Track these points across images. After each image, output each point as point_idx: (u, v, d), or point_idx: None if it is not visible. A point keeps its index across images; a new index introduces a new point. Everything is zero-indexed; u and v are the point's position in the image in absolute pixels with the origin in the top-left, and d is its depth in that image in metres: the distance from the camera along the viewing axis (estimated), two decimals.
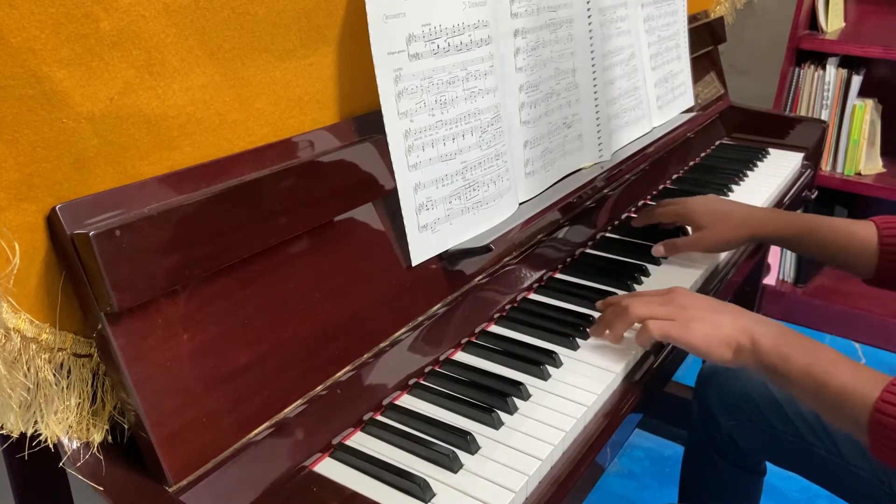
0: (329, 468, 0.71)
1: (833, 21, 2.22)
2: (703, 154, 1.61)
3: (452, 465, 0.70)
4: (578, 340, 0.91)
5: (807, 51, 2.16)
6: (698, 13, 1.65)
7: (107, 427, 0.63)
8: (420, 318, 0.85)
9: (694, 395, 1.24)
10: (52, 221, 0.57)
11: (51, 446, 0.60)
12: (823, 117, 2.16)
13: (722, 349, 0.83)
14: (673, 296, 0.89)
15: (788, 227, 1.09)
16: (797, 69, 2.18)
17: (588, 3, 1.11)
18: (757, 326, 0.83)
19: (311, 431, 0.71)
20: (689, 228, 1.18)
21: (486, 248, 0.88)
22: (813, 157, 1.65)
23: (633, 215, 1.28)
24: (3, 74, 0.53)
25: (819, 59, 2.17)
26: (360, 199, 0.79)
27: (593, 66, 1.13)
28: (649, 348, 0.91)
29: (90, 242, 0.55)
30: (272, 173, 0.70)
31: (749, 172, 1.50)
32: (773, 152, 1.62)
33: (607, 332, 0.90)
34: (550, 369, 0.85)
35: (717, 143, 1.69)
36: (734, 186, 1.42)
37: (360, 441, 0.75)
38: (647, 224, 1.20)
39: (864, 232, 1.03)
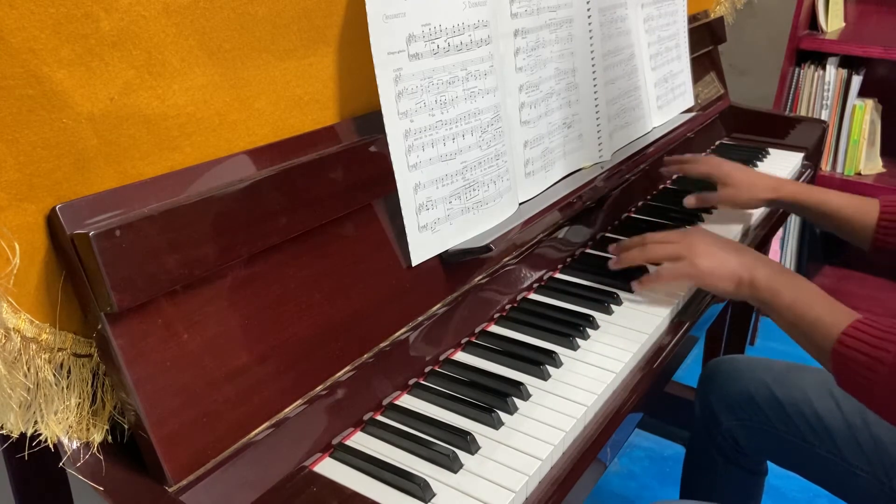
0: (329, 468, 0.71)
1: (833, 21, 2.22)
2: (703, 154, 1.60)
3: (452, 465, 0.70)
4: (578, 340, 0.91)
5: (807, 51, 2.16)
6: (698, 13, 1.65)
7: (107, 427, 0.63)
8: (420, 318, 0.85)
9: (696, 394, 1.24)
10: (52, 221, 0.57)
11: (51, 446, 0.60)
12: (823, 117, 2.16)
13: (724, 282, 0.93)
14: (687, 235, 0.99)
15: (805, 194, 1.17)
16: (797, 69, 2.18)
17: (588, 3, 1.11)
18: (758, 264, 0.92)
19: (311, 431, 0.71)
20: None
21: (486, 248, 0.88)
22: (813, 158, 1.65)
23: (633, 215, 1.28)
24: (3, 74, 0.53)
25: (819, 59, 2.17)
26: (359, 199, 0.79)
27: (593, 66, 1.13)
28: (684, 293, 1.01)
29: (90, 242, 0.55)
30: (272, 173, 0.70)
31: None
32: (773, 152, 1.62)
33: (624, 256, 1.03)
34: (550, 369, 0.85)
35: (717, 143, 1.69)
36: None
37: (360, 441, 0.75)
38: (678, 171, 1.32)
39: (866, 208, 1.10)
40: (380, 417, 0.78)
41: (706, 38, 1.64)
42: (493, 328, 0.94)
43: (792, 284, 0.89)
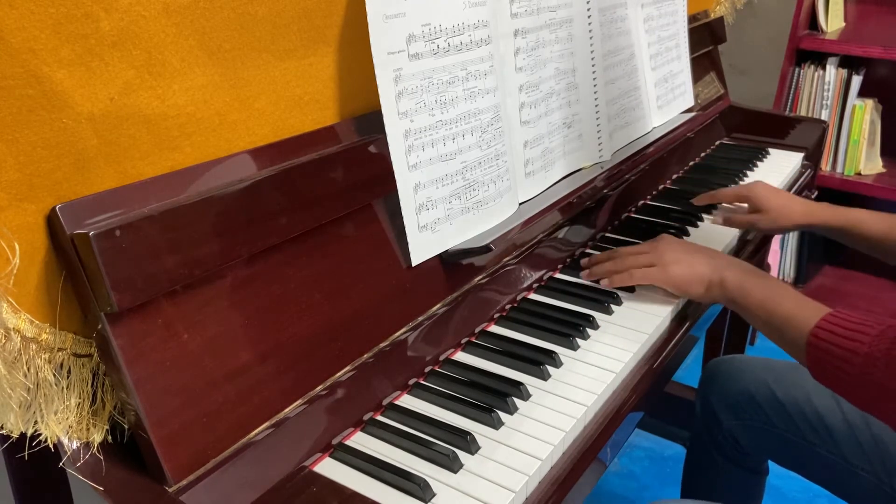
0: (329, 468, 0.71)
1: (833, 21, 2.22)
2: (703, 154, 1.61)
3: (452, 465, 0.70)
4: (578, 340, 0.91)
5: (807, 51, 2.16)
6: (698, 13, 1.65)
7: (107, 427, 0.63)
8: (420, 318, 0.85)
9: (696, 394, 1.24)
10: (52, 221, 0.57)
11: (51, 446, 0.60)
12: (823, 117, 2.16)
13: (696, 286, 0.96)
14: (656, 244, 1.02)
15: (837, 219, 1.17)
16: (797, 69, 2.18)
17: (588, 3, 1.11)
18: (727, 266, 0.95)
19: (311, 431, 0.71)
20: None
21: (486, 248, 0.88)
22: (813, 157, 1.65)
23: (633, 215, 1.28)
24: (3, 74, 0.53)
25: (819, 59, 2.17)
26: (359, 199, 0.79)
27: (593, 66, 1.13)
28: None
29: (90, 242, 0.55)
30: (272, 173, 0.70)
31: (749, 172, 1.50)
32: (773, 152, 1.62)
33: (595, 269, 1.04)
34: (550, 369, 0.85)
35: (717, 143, 1.69)
36: (734, 186, 1.42)
37: (360, 441, 0.75)
38: (710, 203, 1.30)
39: None
40: (380, 417, 0.78)
41: (706, 38, 1.64)
42: (493, 328, 0.94)
43: (761, 283, 0.90)
